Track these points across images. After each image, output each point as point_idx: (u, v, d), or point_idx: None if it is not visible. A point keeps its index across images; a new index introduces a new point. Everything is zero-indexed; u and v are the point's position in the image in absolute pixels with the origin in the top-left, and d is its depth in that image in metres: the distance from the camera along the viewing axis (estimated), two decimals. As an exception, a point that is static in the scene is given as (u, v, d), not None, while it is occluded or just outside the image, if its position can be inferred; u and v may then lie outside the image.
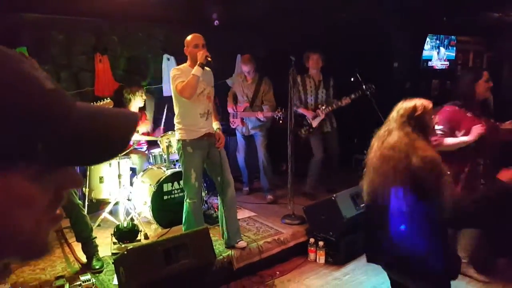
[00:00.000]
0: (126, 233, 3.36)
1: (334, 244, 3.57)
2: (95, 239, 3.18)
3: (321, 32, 5.08)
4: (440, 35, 6.35)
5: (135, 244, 3.25)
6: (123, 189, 3.83)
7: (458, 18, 5.72)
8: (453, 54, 6.65)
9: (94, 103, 3.00)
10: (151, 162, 4.24)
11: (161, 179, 3.68)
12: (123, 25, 4.87)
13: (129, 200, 3.88)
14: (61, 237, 3.66)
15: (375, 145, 2.08)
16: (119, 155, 3.45)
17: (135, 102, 4.32)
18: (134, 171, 4.26)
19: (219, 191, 3.35)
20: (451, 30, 6.31)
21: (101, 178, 3.91)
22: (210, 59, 3.04)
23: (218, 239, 3.47)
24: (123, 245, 3.31)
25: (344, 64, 4.78)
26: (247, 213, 4.31)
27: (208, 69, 3.20)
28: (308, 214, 3.84)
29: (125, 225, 3.39)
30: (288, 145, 4.05)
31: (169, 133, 4.06)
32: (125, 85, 4.69)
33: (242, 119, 4.77)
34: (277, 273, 3.42)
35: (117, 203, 3.90)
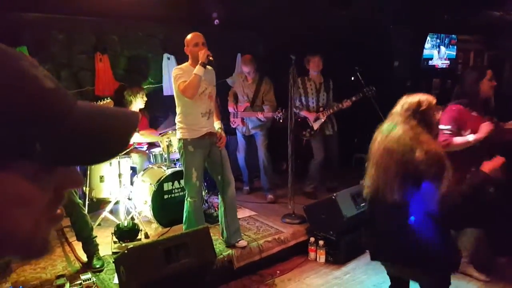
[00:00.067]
0: (126, 232, 3.36)
1: (334, 243, 3.58)
2: (96, 238, 3.19)
3: (322, 30, 5.07)
4: (440, 34, 6.34)
5: (136, 243, 3.25)
6: (124, 188, 3.83)
7: (458, 16, 5.71)
8: (454, 53, 6.64)
9: (94, 102, 2.99)
10: (152, 161, 4.24)
11: (162, 178, 3.68)
12: (123, 25, 4.87)
13: (129, 199, 3.88)
14: (61, 236, 3.67)
15: (378, 139, 2.08)
16: (120, 154, 3.44)
17: (136, 103, 4.31)
18: (134, 170, 4.26)
19: (219, 190, 3.35)
20: (451, 28, 6.30)
21: (102, 177, 3.91)
22: (211, 58, 3.02)
23: (218, 238, 3.47)
24: (124, 244, 3.32)
25: (344, 63, 4.78)
26: (247, 212, 4.31)
27: (210, 68, 3.18)
28: (308, 213, 3.84)
29: (125, 224, 3.39)
30: (288, 145, 4.05)
31: (170, 132, 4.06)
32: (126, 84, 4.69)
33: (242, 119, 4.77)
34: (278, 272, 3.42)
35: (117, 202, 3.90)
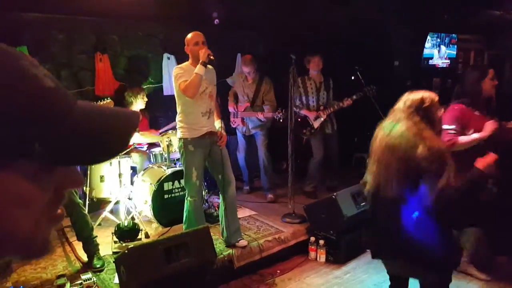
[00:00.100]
0: (126, 232, 3.36)
1: (334, 242, 3.57)
2: (96, 238, 3.19)
3: (322, 30, 5.07)
4: (441, 33, 6.34)
5: (136, 243, 3.25)
6: (124, 188, 3.83)
7: (459, 16, 5.71)
8: (454, 52, 6.64)
9: (94, 102, 2.99)
10: (152, 161, 4.24)
11: (162, 178, 3.68)
12: (123, 24, 4.87)
13: (129, 199, 3.88)
14: (62, 236, 3.67)
15: (379, 136, 2.07)
16: (120, 154, 3.45)
17: (137, 104, 4.31)
18: (134, 170, 4.26)
19: (220, 189, 3.35)
20: (452, 28, 6.30)
21: (102, 177, 3.91)
22: (212, 57, 3.02)
23: (218, 238, 3.47)
24: (124, 244, 3.32)
25: (345, 63, 4.78)
26: (247, 212, 4.31)
27: (210, 67, 3.17)
28: (308, 212, 3.84)
29: (125, 224, 3.39)
30: (288, 144, 4.05)
31: (170, 132, 4.06)
32: (126, 84, 4.69)
33: (242, 119, 4.77)
34: (278, 271, 3.42)
35: (117, 202, 3.90)
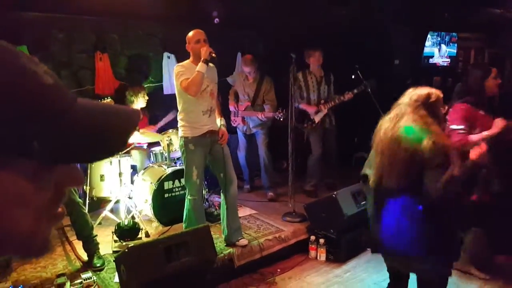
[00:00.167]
0: (127, 231, 3.36)
1: (335, 241, 3.58)
2: (96, 237, 3.19)
3: (322, 30, 5.06)
4: (441, 32, 6.33)
5: (136, 242, 3.25)
6: (124, 187, 3.83)
7: (459, 14, 5.70)
8: (454, 50, 6.63)
9: (94, 101, 2.99)
10: (152, 160, 4.24)
11: (162, 177, 3.68)
12: (123, 24, 4.86)
13: (130, 198, 3.88)
14: (62, 235, 3.67)
15: (383, 128, 2.07)
16: (120, 152, 3.45)
17: (138, 103, 4.31)
18: (134, 169, 4.27)
19: (222, 188, 3.34)
20: (452, 26, 6.29)
21: (102, 176, 3.91)
22: (214, 55, 3.01)
23: (219, 237, 3.47)
24: (124, 243, 3.32)
25: (345, 62, 4.77)
26: (248, 211, 4.31)
27: (212, 65, 3.15)
28: (309, 211, 3.84)
29: (126, 223, 3.39)
30: (289, 143, 4.05)
31: (170, 131, 4.06)
32: (127, 84, 4.68)
33: (243, 118, 4.76)
34: (278, 270, 3.43)
35: (118, 201, 3.90)
